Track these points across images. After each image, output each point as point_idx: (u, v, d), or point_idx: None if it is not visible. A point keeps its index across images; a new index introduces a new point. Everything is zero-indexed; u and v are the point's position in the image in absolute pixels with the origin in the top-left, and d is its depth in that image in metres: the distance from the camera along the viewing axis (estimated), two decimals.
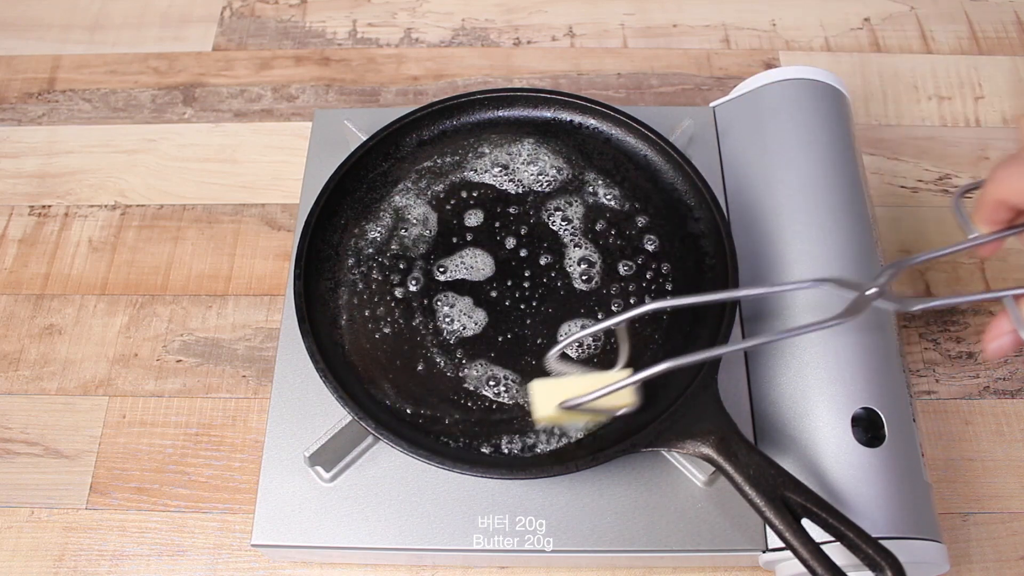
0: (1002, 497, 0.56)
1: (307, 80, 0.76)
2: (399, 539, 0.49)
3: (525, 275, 0.54)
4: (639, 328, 0.52)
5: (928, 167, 0.70)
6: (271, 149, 0.72)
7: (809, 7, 0.80)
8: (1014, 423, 0.59)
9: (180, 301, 0.65)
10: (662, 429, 0.47)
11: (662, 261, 0.55)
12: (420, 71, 0.77)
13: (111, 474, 0.58)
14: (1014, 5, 0.80)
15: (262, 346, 0.63)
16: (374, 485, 0.50)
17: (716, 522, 0.49)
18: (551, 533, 0.49)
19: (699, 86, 0.75)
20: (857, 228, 0.55)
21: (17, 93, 0.77)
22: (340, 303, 0.53)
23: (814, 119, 0.59)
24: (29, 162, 0.72)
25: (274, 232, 0.68)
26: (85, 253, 0.67)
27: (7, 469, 0.58)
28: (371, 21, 0.80)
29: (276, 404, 0.53)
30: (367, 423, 0.47)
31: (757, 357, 0.53)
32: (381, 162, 0.59)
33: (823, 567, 0.41)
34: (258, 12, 0.81)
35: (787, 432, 0.50)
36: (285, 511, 0.50)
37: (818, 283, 0.44)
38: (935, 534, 0.47)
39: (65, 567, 0.55)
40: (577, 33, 0.79)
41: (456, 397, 0.50)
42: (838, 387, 0.50)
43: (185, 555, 0.55)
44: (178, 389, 0.61)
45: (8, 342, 0.64)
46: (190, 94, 0.76)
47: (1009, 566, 0.54)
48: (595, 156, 0.59)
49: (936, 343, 0.62)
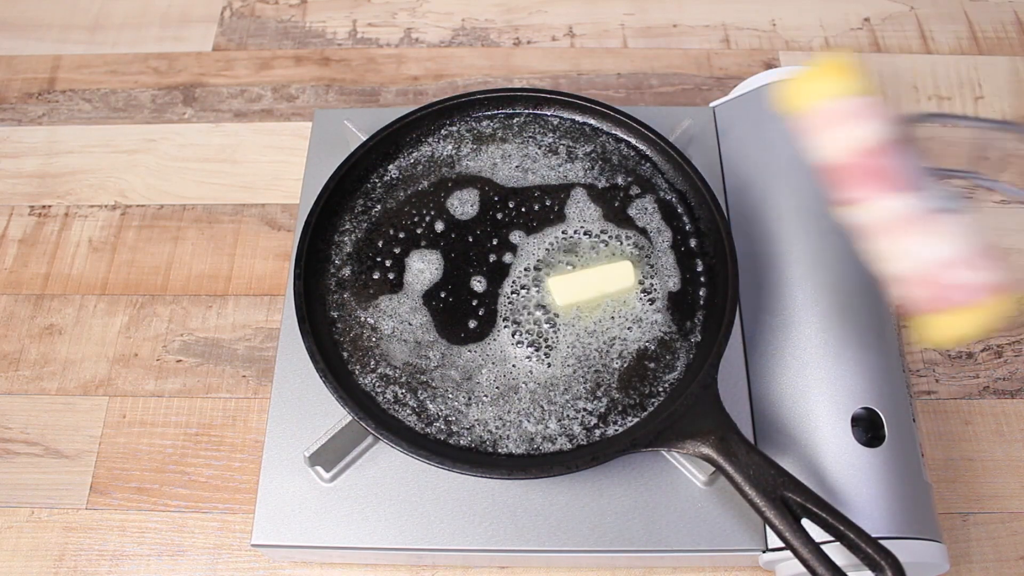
0: (1002, 497, 0.56)
1: (307, 80, 0.76)
2: (399, 539, 0.49)
3: (525, 274, 0.54)
4: (647, 307, 0.52)
5: (928, 167, 0.70)
6: (271, 149, 0.72)
7: (809, 7, 0.80)
8: (1014, 423, 0.59)
9: (180, 301, 0.65)
10: (662, 429, 0.47)
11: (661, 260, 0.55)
12: (420, 71, 0.77)
13: (111, 474, 0.58)
14: (1014, 5, 0.80)
15: (262, 346, 0.63)
16: (374, 485, 0.50)
17: (716, 522, 0.49)
18: (551, 533, 0.49)
19: (699, 86, 0.75)
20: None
21: (17, 93, 0.77)
22: (340, 303, 0.53)
23: None
24: (29, 162, 0.72)
25: (274, 232, 0.68)
26: (85, 253, 0.67)
27: (7, 469, 0.58)
28: (371, 21, 0.80)
29: (276, 404, 0.53)
30: (367, 423, 0.47)
31: (757, 357, 0.53)
32: (381, 162, 0.59)
33: (823, 567, 0.41)
34: (258, 12, 0.81)
35: (787, 432, 0.50)
36: (285, 511, 0.50)
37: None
38: (935, 534, 0.47)
39: (65, 567, 0.55)
40: (577, 33, 0.79)
41: (460, 394, 0.50)
42: (838, 387, 0.50)
43: (185, 555, 0.55)
44: (178, 389, 0.61)
45: (8, 342, 0.64)
46: (190, 94, 0.76)
47: (1009, 566, 0.54)
48: (595, 156, 0.59)
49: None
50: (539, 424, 0.49)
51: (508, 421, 0.50)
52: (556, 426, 0.49)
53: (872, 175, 0.39)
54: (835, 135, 0.41)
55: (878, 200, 0.39)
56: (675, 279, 0.54)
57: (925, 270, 0.38)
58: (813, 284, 0.53)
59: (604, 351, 0.51)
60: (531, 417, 0.50)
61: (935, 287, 0.38)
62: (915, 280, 0.39)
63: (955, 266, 0.37)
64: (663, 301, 0.53)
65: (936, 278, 0.38)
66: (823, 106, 0.41)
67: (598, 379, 0.51)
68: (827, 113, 0.41)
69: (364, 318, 0.53)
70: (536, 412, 0.50)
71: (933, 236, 0.38)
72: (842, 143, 0.40)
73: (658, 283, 0.54)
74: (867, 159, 0.39)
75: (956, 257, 0.37)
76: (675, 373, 0.51)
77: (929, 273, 0.38)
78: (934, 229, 0.38)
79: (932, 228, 0.38)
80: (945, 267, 0.37)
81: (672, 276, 0.54)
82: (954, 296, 0.38)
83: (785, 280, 0.54)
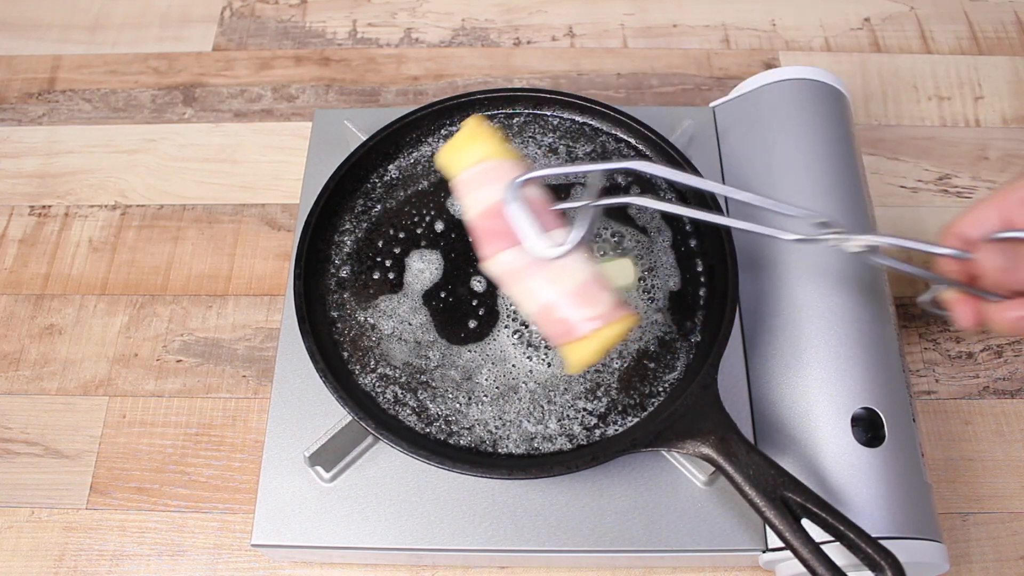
0: (1002, 497, 0.56)
1: (307, 80, 0.76)
2: (399, 539, 0.49)
3: None
4: (648, 303, 0.52)
5: (928, 167, 0.70)
6: (271, 149, 0.72)
7: (809, 7, 0.80)
8: (1014, 423, 0.59)
9: (180, 301, 0.65)
10: (662, 429, 0.47)
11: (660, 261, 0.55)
12: (420, 71, 0.77)
13: (111, 474, 0.58)
14: (1014, 5, 0.80)
15: (262, 346, 0.63)
16: (374, 485, 0.50)
17: (716, 522, 0.49)
18: (551, 533, 0.49)
19: (699, 86, 0.75)
20: (857, 228, 0.55)
21: (17, 93, 0.77)
22: (340, 303, 0.53)
23: (814, 119, 0.59)
24: (29, 162, 0.72)
25: (274, 232, 0.68)
26: (85, 253, 0.67)
27: (7, 469, 0.58)
28: (371, 21, 0.80)
29: (276, 404, 0.53)
30: (367, 423, 0.47)
31: (757, 357, 0.53)
32: (381, 162, 0.59)
33: (823, 567, 0.41)
34: (258, 12, 0.81)
35: (787, 432, 0.50)
36: (285, 511, 0.50)
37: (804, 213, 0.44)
38: (935, 534, 0.47)
39: (65, 567, 0.55)
40: (577, 33, 0.79)
41: (460, 394, 0.50)
42: (838, 387, 0.50)
43: (185, 555, 0.55)
44: (178, 389, 0.61)
45: (8, 342, 0.64)
46: (190, 94, 0.76)
47: (1009, 566, 0.54)
48: (595, 156, 0.59)
49: (936, 343, 0.62)
50: (539, 424, 0.49)
51: (508, 421, 0.50)
52: (556, 426, 0.49)
53: (491, 233, 0.45)
54: (468, 199, 0.47)
55: (500, 254, 0.45)
56: (675, 279, 0.54)
57: (542, 310, 0.44)
58: (813, 284, 0.53)
59: None
60: (531, 417, 0.50)
61: (553, 323, 0.44)
62: (539, 318, 0.45)
63: (561, 304, 0.43)
64: (663, 301, 0.53)
65: (550, 315, 0.44)
66: (465, 172, 0.47)
67: (598, 379, 0.51)
68: (465, 179, 0.47)
69: (364, 318, 0.53)
70: (536, 412, 0.50)
71: (542, 281, 0.44)
72: (472, 206, 0.46)
73: (658, 283, 0.54)
74: (487, 220, 0.45)
75: (561, 296, 0.43)
76: (675, 373, 0.51)
77: (544, 312, 0.44)
78: (544, 275, 0.44)
79: (542, 274, 0.44)
80: (554, 306, 0.43)
81: (672, 276, 0.54)
82: (566, 329, 0.43)
83: (785, 280, 0.54)
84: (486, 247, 0.45)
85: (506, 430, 0.49)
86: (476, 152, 0.47)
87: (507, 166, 0.46)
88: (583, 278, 0.44)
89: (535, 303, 0.44)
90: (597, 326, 0.43)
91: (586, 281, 0.44)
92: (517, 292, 0.45)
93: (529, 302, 0.45)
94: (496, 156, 0.47)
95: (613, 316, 0.43)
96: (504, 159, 0.46)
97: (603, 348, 0.43)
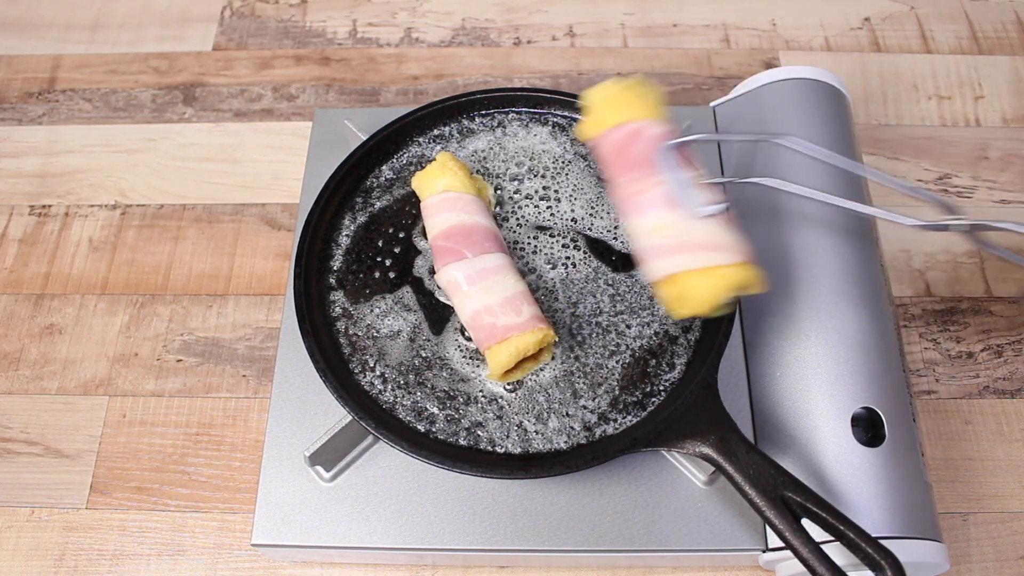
0: (1002, 497, 0.56)
1: (307, 80, 0.76)
2: (399, 539, 0.49)
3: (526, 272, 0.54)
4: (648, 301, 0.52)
5: (928, 167, 0.70)
6: (271, 149, 0.72)
7: (809, 7, 0.80)
8: (1014, 423, 0.59)
9: (180, 301, 0.65)
10: (662, 429, 0.47)
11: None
12: (420, 71, 0.77)
13: (111, 474, 0.58)
14: (1014, 5, 0.80)
15: (262, 346, 0.63)
16: (374, 485, 0.50)
17: (716, 522, 0.49)
18: (551, 533, 0.49)
19: (699, 86, 0.75)
20: (857, 228, 0.55)
21: (17, 93, 0.77)
22: (340, 303, 0.53)
23: (814, 119, 0.59)
24: (29, 162, 0.72)
25: (274, 232, 0.68)
26: (85, 253, 0.67)
27: (7, 469, 0.58)
28: (371, 21, 0.80)
29: (276, 404, 0.53)
30: (367, 423, 0.47)
31: (757, 357, 0.53)
32: (381, 161, 0.59)
33: (823, 567, 0.41)
34: (258, 12, 0.81)
35: (787, 432, 0.50)
36: (285, 511, 0.50)
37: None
38: (935, 534, 0.47)
39: (65, 567, 0.55)
40: (577, 33, 0.79)
41: (459, 394, 0.50)
42: (838, 387, 0.50)
43: (185, 555, 0.55)
44: (178, 389, 0.61)
45: (8, 342, 0.64)
46: (190, 94, 0.76)
47: (1009, 566, 0.54)
48: (595, 156, 0.59)
49: (936, 343, 0.62)
50: (539, 423, 0.49)
51: (508, 421, 0.50)
52: (556, 425, 0.49)
53: (443, 250, 0.51)
54: (430, 221, 0.53)
55: (447, 267, 0.51)
56: None
57: (474, 315, 0.49)
58: (813, 284, 0.53)
59: (604, 350, 0.51)
60: (531, 417, 0.50)
61: (480, 328, 0.49)
62: (471, 323, 0.49)
63: (489, 311, 0.49)
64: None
65: (479, 320, 0.49)
66: (430, 198, 0.54)
67: (598, 378, 0.51)
68: (429, 204, 0.54)
69: (364, 318, 0.53)
70: (536, 411, 0.50)
71: (477, 292, 0.49)
72: (433, 227, 0.53)
73: None
74: (441, 240, 0.52)
75: (491, 305, 0.49)
76: (675, 373, 0.51)
77: (475, 317, 0.49)
78: (478, 287, 0.49)
79: (477, 286, 0.49)
80: (483, 312, 0.49)
81: None
82: (489, 334, 0.48)
83: (785, 280, 0.54)
84: (438, 261, 0.52)
85: (506, 430, 0.49)
86: (439, 183, 0.53)
87: (466, 198, 0.53)
88: (512, 292, 0.49)
89: (470, 309, 0.49)
90: (515, 333, 0.48)
91: (515, 294, 0.49)
92: (457, 300, 0.51)
93: (465, 308, 0.50)
94: (455, 189, 0.53)
95: (529, 327, 0.48)
96: (463, 192, 0.53)
97: (518, 353, 0.48)
